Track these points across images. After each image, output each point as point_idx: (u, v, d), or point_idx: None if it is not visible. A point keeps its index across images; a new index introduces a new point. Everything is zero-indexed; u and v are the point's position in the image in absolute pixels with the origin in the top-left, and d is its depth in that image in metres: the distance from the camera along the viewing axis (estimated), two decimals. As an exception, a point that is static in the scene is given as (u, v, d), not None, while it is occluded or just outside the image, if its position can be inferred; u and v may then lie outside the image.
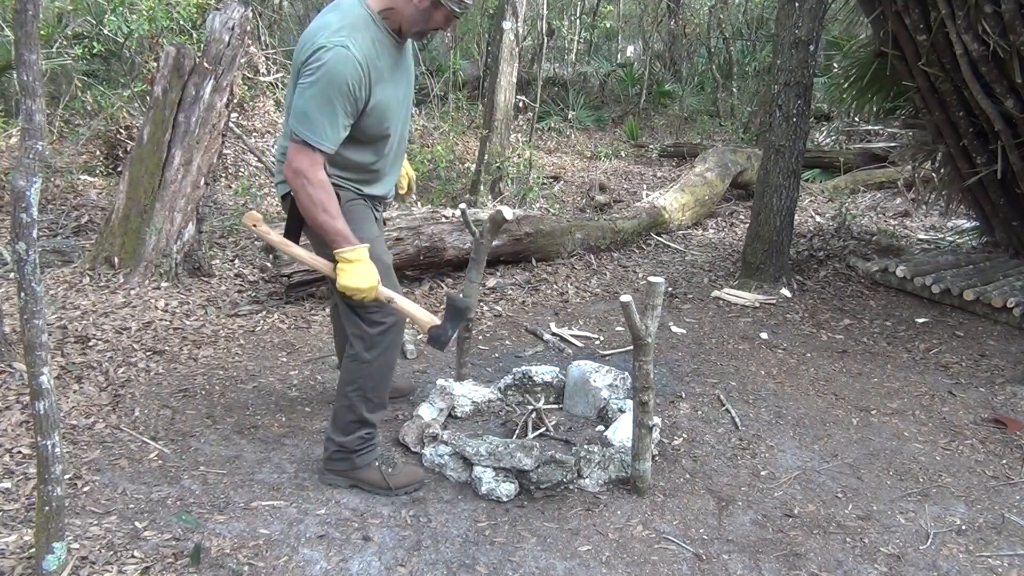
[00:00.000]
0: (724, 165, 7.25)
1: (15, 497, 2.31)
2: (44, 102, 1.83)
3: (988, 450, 2.99)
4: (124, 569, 2.03)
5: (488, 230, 2.96)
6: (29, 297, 1.78)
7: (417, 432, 2.78)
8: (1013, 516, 2.55)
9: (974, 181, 4.90)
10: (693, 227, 6.57)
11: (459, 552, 2.21)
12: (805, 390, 3.48)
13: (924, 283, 4.76)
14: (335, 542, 2.23)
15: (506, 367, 3.49)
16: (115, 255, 4.16)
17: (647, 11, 13.48)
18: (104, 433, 2.75)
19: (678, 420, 3.11)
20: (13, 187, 1.74)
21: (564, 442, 2.87)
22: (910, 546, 2.36)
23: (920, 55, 4.50)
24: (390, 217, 4.56)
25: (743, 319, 4.39)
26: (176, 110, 4.20)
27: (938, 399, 3.44)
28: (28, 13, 1.72)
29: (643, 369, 2.45)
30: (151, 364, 3.34)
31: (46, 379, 1.82)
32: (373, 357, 2.41)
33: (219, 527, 2.26)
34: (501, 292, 4.65)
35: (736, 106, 11.28)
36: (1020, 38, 3.93)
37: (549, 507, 2.47)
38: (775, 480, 2.71)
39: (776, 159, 4.78)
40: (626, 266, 5.37)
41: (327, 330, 3.92)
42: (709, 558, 2.26)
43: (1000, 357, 3.96)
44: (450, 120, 8.87)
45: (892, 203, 7.57)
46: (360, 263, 2.24)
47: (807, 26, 4.56)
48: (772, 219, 4.84)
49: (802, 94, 4.67)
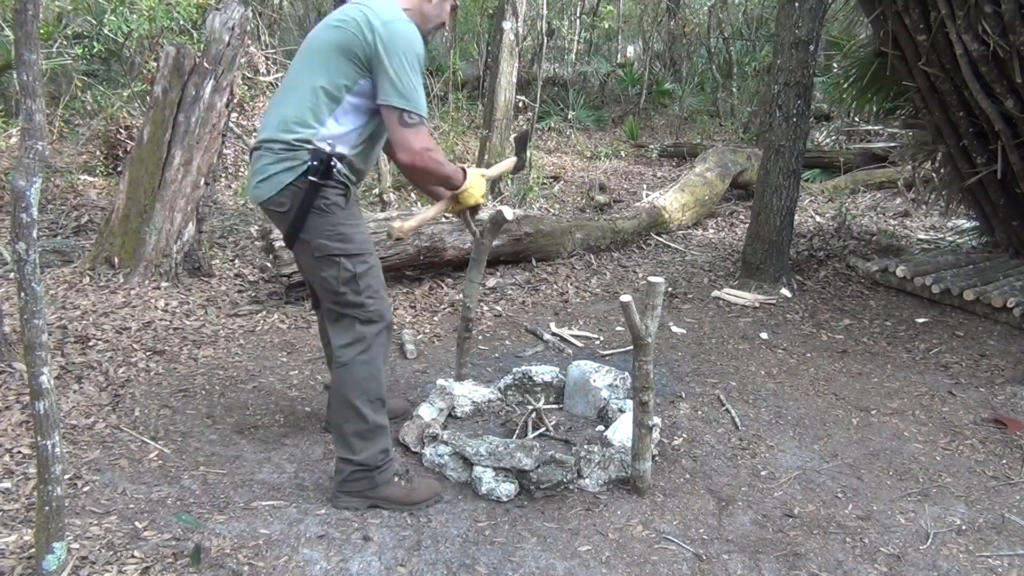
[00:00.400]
0: (724, 165, 7.25)
1: (15, 497, 2.31)
2: (44, 102, 1.83)
3: (988, 450, 2.99)
4: (124, 569, 2.03)
5: (488, 230, 2.96)
6: (29, 297, 1.78)
7: (417, 432, 2.78)
8: (1013, 516, 2.55)
9: (974, 181, 4.90)
10: (693, 227, 6.57)
11: (459, 552, 2.21)
12: (805, 390, 3.48)
13: (924, 283, 4.76)
14: (335, 542, 2.23)
15: (506, 367, 3.49)
16: (115, 255, 4.16)
17: (647, 11, 13.49)
18: (104, 433, 2.75)
19: (678, 420, 3.11)
20: (13, 187, 1.74)
21: (564, 442, 2.87)
22: (910, 546, 2.36)
23: (920, 55, 4.50)
24: (390, 217, 4.56)
25: (743, 319, 4.39)
26: (176, 110, 4.20)
27: (938, 399, 3.44)
28: (28, 13, 1.72)
29: (643, 369, 2.45)
30: (151, 364, 3.34)
31: (46, 379, 1.82)
32: (371, 358, 2.35)
33: (219, 527, 2.26)
34: (501, 292, 4.65)
35: (736, 106, 11.29)
36: (1020, 38, 3.93)
37: (549, 507, 2.47)
38: (775, 480, 2.71)
39: (776, 159, 4.78)
40: (626, 266, 5.38)
41: (327, 330, 3.92)
42: (709, 558, 2.26)
43: (1000, 357, 3.96)
44: (450, 120, 8.87)
45: (892, 203, 7.58)
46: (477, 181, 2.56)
47: (807, 26, 4.56)
48: (772, 219, 4.84)
49: (802, 94, 4.67)
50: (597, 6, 13.41)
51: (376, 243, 4.34)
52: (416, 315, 4.21)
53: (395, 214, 4.66)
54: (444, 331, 3.99)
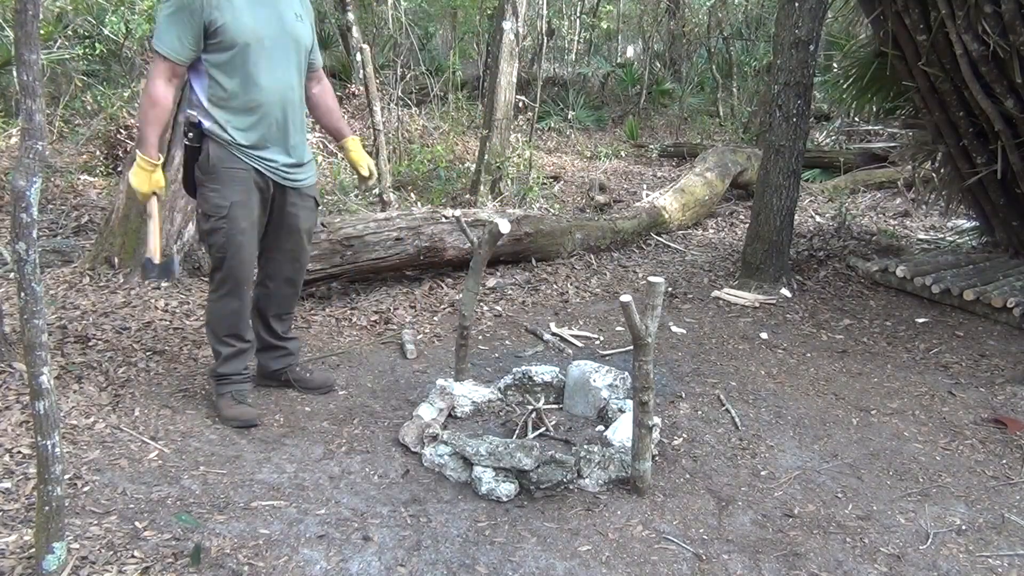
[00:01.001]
0: (724, 165, 7.25)
1: (15, 497, 2.31)
2: (44, 102, 1.83)
3: (988, 450, 2.99)
4: (124, 569, 2.03)
5: (485, 242, 2.97)
6: (29, 297, 1.78)
7: (417, 432, 2.78)
8: (1013, 516, 2.55)
9: (974, 181, 4.90)
10: (693, 227, 6.57)
11: (459, 552, 2.22)
12: (805, 390, 3.48)
13: (924, 283, 4.76)
14: (335, 542, 2.23)
15: (506, 367, 3.49)
16: (115, 255, 4.16)
17: (647, 11, 13.49)
18: (104, 433, 2.75)
19: (678, 420, 3.11)
20: (13, 187, 1.74)
21: (564, 442, 2.87)
22: (910, 546, 2.36)
23: (920, 55, 4.50)
24: (390, 217, 4.56)
25: (743, 319, 4.39)
26: (176, 110, 4.19)
27: (938, 399, 3.44)
28: (28, 13, 1.72)
29: (643, 369, 2.45)
30: (151, 364, 3.34)
31: (46, 379, 1.82)
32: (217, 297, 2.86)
33: (219, 527, 2.26)
34: (501, 292, 4.65)
35: (736, 106, 11.29)
36: (1020, 38, 3.93)
37: (549, 507, 2.47)
38: (775, 480, 2.71)
39: (776, 159, 4.78)
40: (626, 266, 5.38)
41: (327, 330, 3.92)
42: (709, 558, 2.26)
43: (1000, 357, 3.96)
44: (450, 120, 8.87)
45: (892, 203, 7.58)
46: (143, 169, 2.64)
47: (807, 26, 4.56)
48: (772, 219, 4.84)
49: (802, 94, 4.67)
50: (597, 6, 13.42)
51: (376, 243, 4.37)
52: (416, 315, 4.21)
53: (395, 214, 4.65)
54: (444, 331, 3.99)
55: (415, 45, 9.86)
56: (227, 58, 2.62)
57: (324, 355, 3.59)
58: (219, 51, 2.61)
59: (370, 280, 4.55)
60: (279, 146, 2.80)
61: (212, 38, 2.58)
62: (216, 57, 2.61)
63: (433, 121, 8.75)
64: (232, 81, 2.65)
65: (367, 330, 3.97)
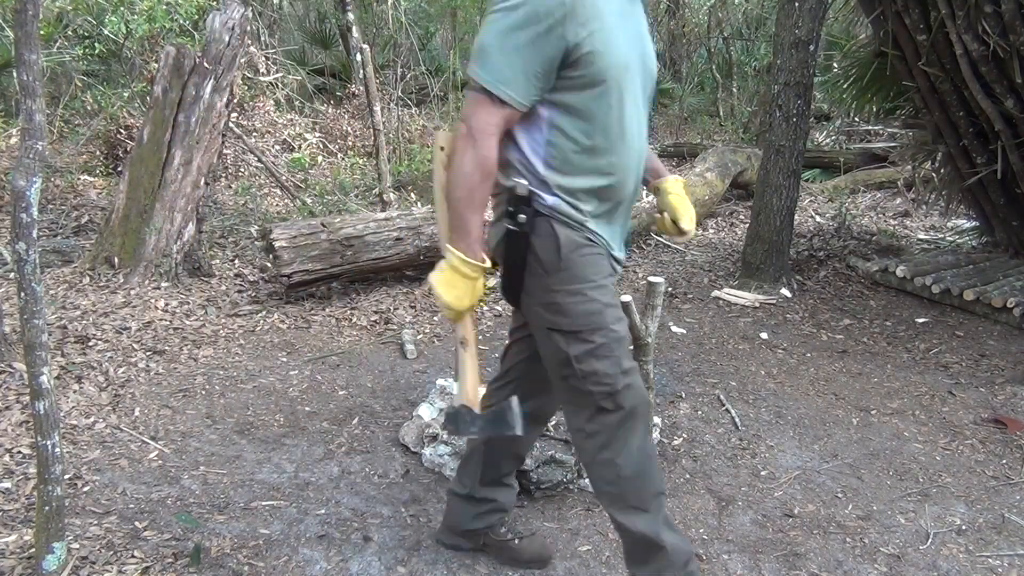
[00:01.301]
0: (724, 165, 7.24)
1: (15, 497, 2.31)
2: (44, 102, 1.83)
3: (988, 450, 2.99)
4: (124, 569, 2.03)
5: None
6: (29, 297, 1.78)
7: (417, 432, 2.78)
8: (1013, 516, 2.55)
9: (974, 181, 4.90)
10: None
11: (459, 552, 2.21)
12: (805, 390, 3.48)
13: (924, 283, 4.76)
14: (335, 542, 2.23)
15: (506, 367, 3.49)
16: (115, 255, 4.16)
17: (647, 11, 13.49)
18: (104, 433, 2.75)
19: (678, 420, 3.11)
20: (13, 187, 1.74)
21: (564, 442, 2.87)
22: (910, 546, 2.36)
23: (920, 55, 4.50)
24: (390, 217, 4.56)
25: (743, 319, 4.39)
26: (176, 110, 4.20)
27: (938, 399, 3.44)
28: (28, 13, 1.72)
29: (643, 369, 2.45)
30: (151, 364, 3.34)
31: (46, 379, 1.82)
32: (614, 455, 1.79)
33: (219, 527, 2.26)
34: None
35: (736, 106, 11.29)
36: (1020, 38, 3.93)
37: (549, 507, 2.47)
38: (775, 480, 2.71)
39: (776, 159, 4.78)
40: (626, 266, 5.38)
41: (327, 330, 3.92)
42: (709, 558, 2.26)
43: (1000, 357, 3.96)
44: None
45: (892, 203, 7.57)
46: (463, 277, 1.69)
47: (807, 26, 4.56)
48: (772, 219, 4.84)
49: (802, 94, 4.67)
50: (597, 6, 13.40)
51: (377, 243, 4.37)
52: (416, 315, 4.21)
53: (395, 214, 4.65)
54: (444, 331, 3.99)
55: (415, 45, 9.86)
56: (588, 99, 1.67)
57: (324, 355, 3.59)
58: (577, 89, 1.66)
59: (370, 280, 4.55)
60: (620, 226, 1.86)
61: (572, 69, 1.63)
62: (570, 97, 1.66)
63: (433, 121, 8.75)
64: (593, 132, 1.70)
65: (367, 330, 3.97)
